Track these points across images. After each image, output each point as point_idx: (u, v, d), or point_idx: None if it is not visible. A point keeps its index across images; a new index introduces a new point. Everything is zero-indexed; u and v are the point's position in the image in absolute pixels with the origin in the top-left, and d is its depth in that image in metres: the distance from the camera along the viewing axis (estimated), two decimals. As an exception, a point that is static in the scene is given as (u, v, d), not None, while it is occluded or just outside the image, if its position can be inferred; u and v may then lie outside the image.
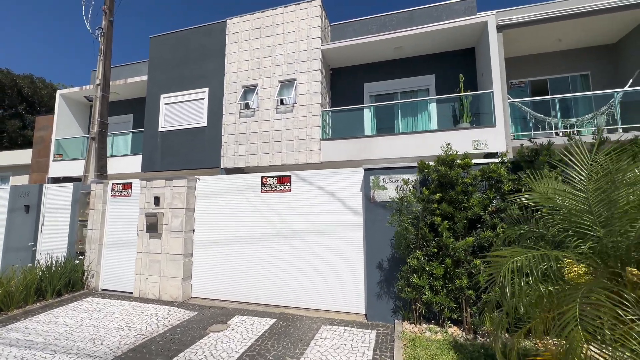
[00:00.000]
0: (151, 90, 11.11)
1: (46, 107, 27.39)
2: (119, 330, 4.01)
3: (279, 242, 4.95)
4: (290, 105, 9.15)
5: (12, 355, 3.41)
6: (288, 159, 9.03)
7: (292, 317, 4.44)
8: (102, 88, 6.68)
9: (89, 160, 6.50)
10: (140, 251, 5.40)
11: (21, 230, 6.67)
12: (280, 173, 5.09)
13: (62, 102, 13.36)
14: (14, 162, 15.49)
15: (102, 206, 5.88)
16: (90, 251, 5.80)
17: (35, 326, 4.19)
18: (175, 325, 4.17)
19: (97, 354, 3.40)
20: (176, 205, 5.27)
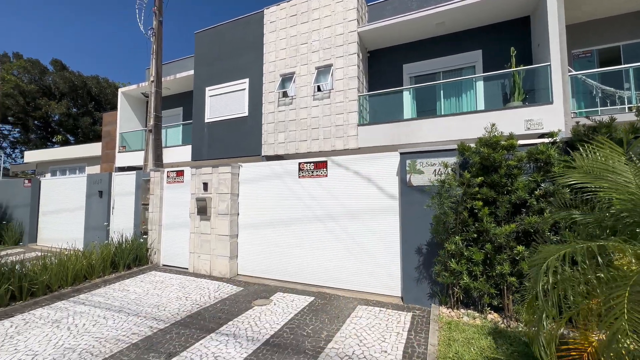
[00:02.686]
0: (197, 84, 11.84)
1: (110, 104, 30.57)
2: (178, 300, 4.57)
3: (316, 225, 5.15)
4: (327, 92, 9.17)
5: (97, 314, 4.09)
6: (325, 146, 9.14)
7: (329, 296, 4.65)
8: (155, 84, 7.34)
9: (147, 150, 7.26)
10: (193, 232, 5.99)
11: (97, 212, 7.76)
12: (317, 159, 5.22)
13: (123, 99, 14.83)
14: (88, 154, 17.71)
15: (160, 191, 6.59)
16: (152, 231, 6.57)
17: (112, 293, 4.94)
18: (224, 298, 4.62)
19: (161, 318, 3.94)
20: (222, 190, 5.71)
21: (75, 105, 29.29)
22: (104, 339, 3.43)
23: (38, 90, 27.12)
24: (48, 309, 4.32)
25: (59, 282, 4.97)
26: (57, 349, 3.22)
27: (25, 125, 27.53)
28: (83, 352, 3.15)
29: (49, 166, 19.68)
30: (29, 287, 4.61)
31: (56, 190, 9.12)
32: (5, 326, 3.80)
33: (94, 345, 3.29)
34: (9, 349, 3.24)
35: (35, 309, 4.31)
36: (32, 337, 3.49)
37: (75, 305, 4.44)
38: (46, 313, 4.18)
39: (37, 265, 4.96)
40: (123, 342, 3.34)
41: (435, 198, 3.91)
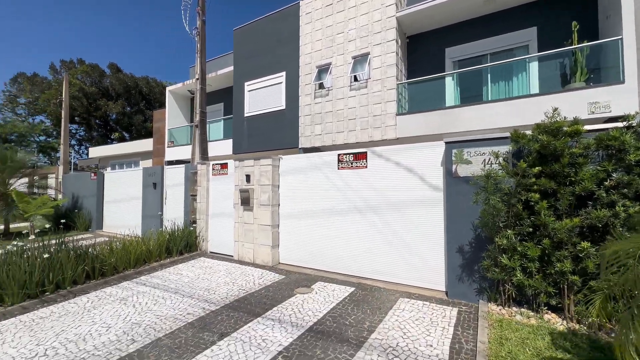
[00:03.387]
0: (236, 79, 12.25)
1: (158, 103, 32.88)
2: (226, 285, 4.86)
3: (355, 217, 5.13)
4: (363, 81, 8.99)
5: (156, 295, 4.50)
6: (362, 137, 9.01)
7: (370, 287, 4.65)
8: (200, 82, 7.73)
9: (194, 145, 7.72)
10: (237, 221, 6.30)
11: (152, 202, 8.47)
12: (357, 150, 5.17)
13: (170, 97, 15.85)
14: (140, 150, 19.29)
15: (206, 183, 7.00)
16: (199, 220, 7.03)
17: (168, 276, 5.39)
18: (267, 285, 4.83)
19: (212, 300, 4.23)
20: (264, 182, 5.90)
21: (129, 105, 31.95)
22: (164, 316, 3.77)
23: (98, 92, 29.98)
24: (116, 288, 4.85)
25: (124, 264, 5.54)
26: (126, 323, 3.61)
27: (89, 124, 30.66)
28: (147, 328, 3.49)
29: (109, 161, 21.79)
30: (100, 268, 5.20)
31: (117, 182, 10.10)
32: (84, 301, 4.33)
33: (155, 322, 3.64)
34: (87, 321, 3.70)
35: (105, 288, 4.86)
36: (105, 312, 3.95)
37: (137, 286, 4.92)
38: (114, 291, 4.70)
39: (105, 249, 5.57)
40: (180, 321, 3.65)
41: (484, 190, 3.68)
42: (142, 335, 3.34)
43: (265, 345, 3.07)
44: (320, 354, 2.89)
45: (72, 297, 4.48)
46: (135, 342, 3.19)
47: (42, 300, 4.35)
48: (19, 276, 4.22)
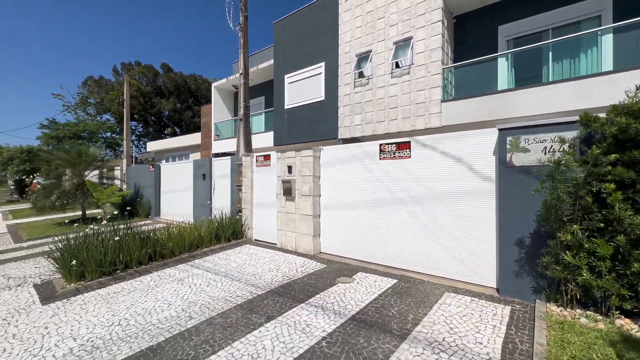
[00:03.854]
0: (276, 72, 12.48)
1: (205, 98, 34.80)
2: (270, 271, 5.09)
3: (397, 208, 5.01)
4: (406, 68, 8.61)
5: (208, 277, 4.87)
6: (404, 126, 8.69)
7: (413, 280, 4.54)
8: (243, 76, 8.02)
9: (239, 137, 8.08)
10: (280, 211, 6.51)
11: (202, 192, 9.10)
12: (399, 139, 5.01)
13: (215, 93, 16.69)
14: (190, 143, 20.70)
15: (250, 174, 7.31)
16: (245, 209, 7.40)
17: (217, 260, 5.79)
18: (310, 273, 4.95)
19: (258, 285, 4.46)
20: (305, 173, 6.00)
21: (179, 101, 34.31)
22: (216, 297, 4.07)
23: (152, 90, 32.59)
24: (173, 269, 5.33)
25: (180, 248, 6.06)
26: (184, 301, 3.97)
27: (146, 120, 33.56)
28: (202, 307, 3.80)
29: (164, 154, 23.73)
30: (160, 251, 5.75)
31: (171, 173, 10.99)
32: (147, 280, 4.84)
33: (209, 302, 3.94)
34: (151, 297, 4.13)
35: (165, 269, 5.37)
36: (165, 290, 4.37)
37: (192, 268, 5.36)
38: (173, 272, 5.17)
39: (164, 234, 6.12)
40: (230, 302, 3.91)
41: (546, 180, 3.35)
42: (198, 313, 3.64)
43: (310, 330, 3.17)
44: (364, 343, 2.92)
45: (138, 276, 5.02)
46: (192, 319, 3.49)
47: (114, 277, 4.94)
48: (96, 256, 4.84)
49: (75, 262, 4.61)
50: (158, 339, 3.10)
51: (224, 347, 2.92)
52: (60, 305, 4.01)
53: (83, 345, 3.04)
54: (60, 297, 4.26)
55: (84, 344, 3.07)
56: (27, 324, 3.51)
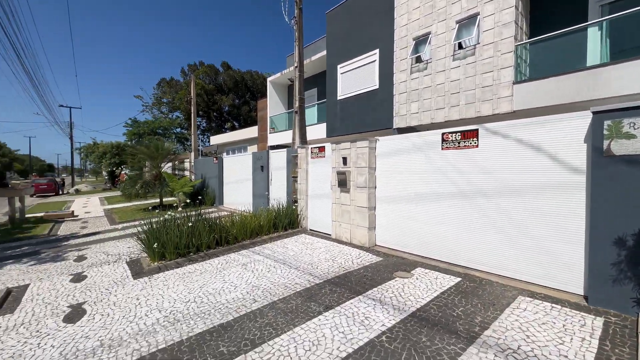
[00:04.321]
0: (329, 63, 12.42)
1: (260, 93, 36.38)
2: (326, 261, 5.17)
3: (461, 202, 4.66)
4: (470, 48, 7.86)
5: (268, 263, 5.15)
6: (468, 112, 8.00)
7: (478, 279, 4.21)
8: (298, 69, 8.14)
9: (294, 130, 8.29)
10: (334, 202, 6.55)
11: (260, 183, 9.61)
12: (465, 128, 4.61)
13: (270, 87, 17.31)
14: (247, 137, 21.92)
15: (306, 166, 7.47)
16: (300, 200, 7.62)
17: (276, 248, 6.08)
18: (366, 265, 4.92)
19: (315, 274, 4.57)
20: (360, 164, 5.92)
21: (237, 97, 36.46)
22: (277, 283, 4.28)
23: (214, 88, 35.13)
24: (237, 255, 5.75)
25: (242, 235, 6.51)
26: (248, 285, 4.26)
27: (209, 116, 36.44)
28: (264, 291, 4.04)
29: (224, 147, 25.57)
30: (225, 237, 6.24)
31: (232, 165, 11.80)
32: (215, 263, 5.30)
33: (270, 287, 4.17)
34: (220, 279, 4.52)
35: (229, 254, 5.82)
36: (231, 274, 4.74)
37: (253, 254, 5.72)
38: (237, 257, 5.58)
39: (228, 222, 6.63)
40: (289, 289, 4.08)
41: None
42: (261, 297, 3.88)
43: (368, 322, 3.15)
44: (426, 342, 2.80)
45: (208, 259, 5.53)
46: (256, 302, 3.73)
47: (188, 259, 5.52)
48: (174, 239, 5.45)
49: (157, 245, 5.26)
50: (227, 318, 3.37)
51: (286, 331, 3.06)
52: (147, 281, 4.61)
53: (167, 317, 3.46)
54: (147, 274, 4.91)
55: (167, 316, 3.48)
56: (123, 295, 4.12)
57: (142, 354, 2.78)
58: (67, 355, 2.83)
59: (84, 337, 3.10)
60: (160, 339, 3.01)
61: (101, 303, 3.89)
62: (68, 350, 2.88)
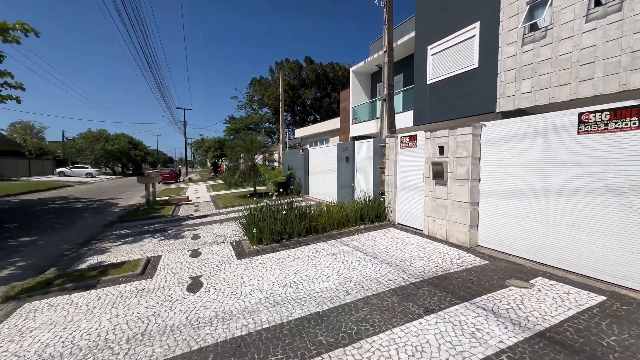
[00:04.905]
0: (418, 44, 11.45)
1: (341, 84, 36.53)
2: (420, 259, 4.79)
3: (606, 200, 3.65)
4: (615, 2, 6.09)
5: (358, 256, 5.05)
6: (606, 87, 6.28)
7: (635, 301, 3.25)
8: (388, 54, 7.70)
9: (382, 118, 7.93)
10: (427, 195, 6.03)
11: (345, 173, 9.60)
12: (618, 105, 3.55)
13: (353, 77, 17.09)
14: (329, 128, 22.28)
15: (394, 156, 7.07)
16: (388, 192, 7.29)
17: (364, 240, 5.95)
18: (468, 268, 4.35)
19: (409, 272, 4.26)
20: (460, 153, 5.25)
21: (319, 90, 37.45)
22: (369, 277, 4.14)
23: (298, 83, 36.82)
24: (325, 244, 5.83)
25: (329, 225, 6.59)
26: (339, 276, 4.24)
27: (293, 110, 38.51)
28: (357, 284, 3.95)
29: (307, 139, 26.65)
30: (314, 226, 6.41)
31: (317, 156, 12.13)
32: (306, 251, 5.48)
33: (362, 281, 4.05)
34: (312, 267, 4.63)
35: (318, 243, 5.95)
36: (322, 263, 4.81)
37: (341, 245, 5.71)
38: (325, 247, 5.66)
39: (317, 211, 6.79)
40: (382, 285, 3.89)
41: None
42: (353, 289, 3.80)
43: (481, 336, 2.73)
44: (565, 372, 2.26)
45: (299, 246, 5.77)
46: (349, 295, 3.66)
47: (282, 244, 5.85)
48: (270, 225, 5.84)
49: (255, 230, 5.72)
50: (322, 307, 3.40)
51: (384, 330, 2.89)
52: (248, 262, 5.05)
53: (267, 298, 3.69)
54: (247, 255, 5.39)
55: (268, 297, 3.72)
56: (229, 272, 4.60)
57: (250, 330, 3.00)
58: (191, 320, 3.27)
59: (202, 307, 3.54)
60: (264, 318, 3.22)
61: (213, 278, 4.41)
62: (192, 317, 3.33)
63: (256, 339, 2.84)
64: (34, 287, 4.34)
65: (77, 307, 3.69)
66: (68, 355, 2.77)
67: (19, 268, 5.54)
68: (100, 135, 44.94)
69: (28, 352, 2.85)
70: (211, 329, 3.06)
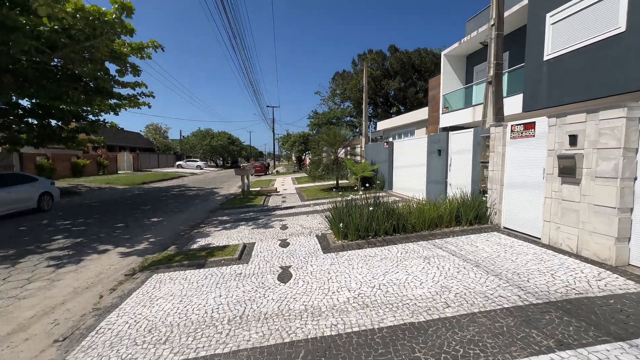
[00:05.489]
0: (533, 13, 9.49)
1: (428, 72, 33.75)
2: (540, 274, 3.90)
3: None
4: None
5: (456, 262, 4.44)
6: None
7: None
8: (496, 27, 6.52)
9: (486, 104, 6.83)
10: (549, 197, 4.90)
11: (436, 168, 8.72)
12: None
13: (445, 61, 15.45)
14: (415, 120, 20.81)
15: (502, 148, 5.99)
16: (491, 190, 6.26)
17: (461, 245, 5.23)
18: (617, 294, 3.32)
19: (528, 290, 3.49)
20: (605, 144, 4.04)
21: (403, 80, 35.42)
22: (472, 290, 3.56)
23: (380, 74, 35.58)
24: (416, 245, 5.34)
25: (420, 225, 6.03)
26: (435, 284, 3.77)
27: (375, 103, 37.50)
28: (458, 296, 3.43)
29: (390, 132, 25.56)
30: (402, 224, 5.96)
31: (403, 149, 11.40)
32: (394, 251, 5.11)
33: (464, 293, 3.50)
34: (402, 270, 4.26)
35: (407, 243, 5.49)
36: (414, 266, 4.39)
37: (434, 248, 5.14)
38: (416, 248, 5.18)
39: (406, 208, 6.30)
40: (492, 302, 3.27)
41: None
42: (454, 302, 3.30)
43: (656, 396, 1.97)
44: None
45: (386, 245, 5.43)
46: (450, 308, 3.19)
47: (367, 241, 5.61)
48: (355, 221, 5.67)
49: (342, 224, 5.62)
50: (418, 317, 3.03)
51: None
52: (334, 257, 4.99)
53: (355, 298, 3.51)
54: (333, 250, 5.34)
55: (356, 297, 3.54)
56: (316, 266, 4.60)
57: (339, 331, 2.87)
58: (282, 310, 3.34)
59: (292, 299, 3.59)
60: (354, 320, 3.05)
61: (302, 270, 4.48)
62: (283, 307, 3.40)
63: (346, 342, 2.69)
64: (160, 261, 5.17)
65: (190, 283, 4.21)
66: (183, 326, 3.13)
67: (150, 243, 6.76)
68: (207, 133, 52.48)
69: (155, 317, 3.35)
70: (301, 323, 3.05)
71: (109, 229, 8.15)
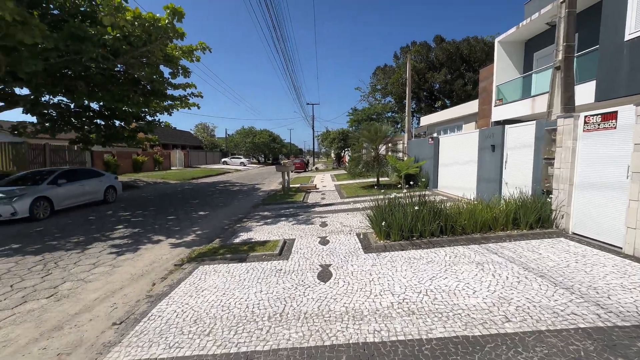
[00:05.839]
0: (613, -13, 8.19)
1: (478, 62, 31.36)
2: (625, 291, 3.30)
3: None
4: None
5: (515, 270, 3.96)
6: None
7: None
8: (567, 4, 5.70)
9: (552, 93, 6.03)
10: (635, 199, 4.15)
11: (488, 165, 7.99)
12: None
13: (499, 49, 14.12)
14: (463, 114, 19.44)
15: (572, 143, 5.24)
16: (558, 191, 5.52)
17: (520, 251, 4.68)
18: None
19: (610, 308, 2.97)
20: None
21: (450, 72, 33.34)
22: (537, 304, 3.12)
23: (425, 66, 33.88)
24: (466, 249, 4.90)
25: (470, 227, 5.54)
26: (491, 293, 3.38)
27: (418, 97, 35.87)
28: (519, 310, 3.03)
29: (435, 127, 24.25)
30: (451, 226, 5.52)
31: (451, 145, 10.66)
32: (441, 254, 4.73)
33: (528, 307, 3.08)
34: (451, 276, 3.90)
35: (456, 246, 5.06)
36: (464, 272, 4.00)
37: (488, 253, 4.66)
38: (466, 252, 4.74)
39: (454, 209, 5.83)
40: (563, 319, 2.83)
41: None
42: (515, 316, 2.92)
43: None
44: None
45: (432, 247, 5.06)
46: (510, 323, 2.82)
47: (411, 242, 5.29)
48: (399, 221, 5.37)
49: (384, 223, 5.37)
50: (472, 331, 2.73)
51: (578, 390, 2.01)
52: (376, 257, 4.76)
53: (400, 303, 3.28)
54: (374, 250, 5.11)
55: (400, 302, 3.31)
56: (357, 266, 4.43)
57: (383, 339, 2.68)
58: (322, 310, 3.23)
59: (332, 299, 3.46)
60: (398, 328, 2.83)
61: (342, 269, 4.34)
62: (323, 307, 3.29)
63: (391, 351, 2.50)
64: (206, 253, 5.39)
65: (233, 277, 4.31)
66: (225, 319, 3.17)
67: (197, 235, 7.12)
68: (250, 132, 54.69)
69: (200, 308, 3.45)
70: (342, 326, 2.91)
71: (162, 220, 8.77)
